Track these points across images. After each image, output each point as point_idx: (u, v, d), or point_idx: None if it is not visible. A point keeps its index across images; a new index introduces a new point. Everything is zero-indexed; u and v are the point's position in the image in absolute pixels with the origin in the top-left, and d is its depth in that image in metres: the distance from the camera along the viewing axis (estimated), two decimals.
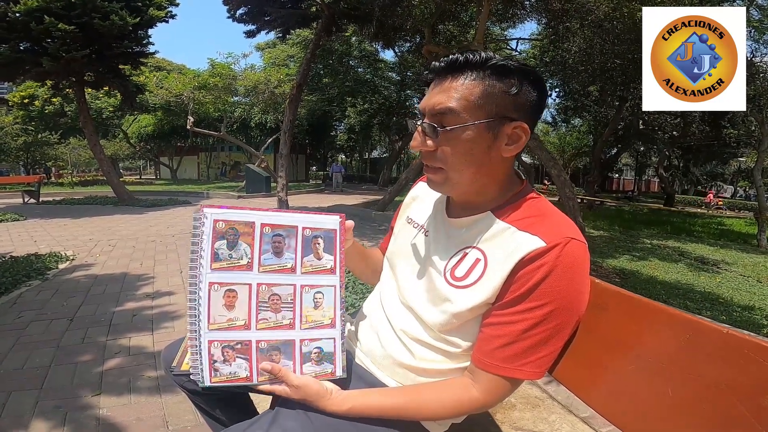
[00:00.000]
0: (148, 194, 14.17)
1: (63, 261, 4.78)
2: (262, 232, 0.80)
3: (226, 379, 0.78)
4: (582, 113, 17.94)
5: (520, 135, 0.78)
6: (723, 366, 0.62)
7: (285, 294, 0.81)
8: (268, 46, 24.06)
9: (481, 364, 0.76)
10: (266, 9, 10.42)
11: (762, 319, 4.35)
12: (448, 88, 0.77)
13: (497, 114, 0.75)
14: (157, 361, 2.40)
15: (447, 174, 0.79)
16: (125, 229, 7.35)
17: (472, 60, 0.76)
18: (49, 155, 23.94)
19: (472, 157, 0.77)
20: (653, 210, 18.95)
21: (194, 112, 14.72)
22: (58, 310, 3.21)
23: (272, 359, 0.80)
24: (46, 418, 1.86)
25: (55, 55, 9.02)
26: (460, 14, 10.04)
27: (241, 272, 0.79)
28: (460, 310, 0.78)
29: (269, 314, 0.80)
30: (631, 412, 0.75)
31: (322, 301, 0.83)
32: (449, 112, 0.75)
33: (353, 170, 33.26)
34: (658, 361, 0.71)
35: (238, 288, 0.78)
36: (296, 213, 0.84)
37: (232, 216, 0.79)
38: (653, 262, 6.90)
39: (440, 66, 0.79)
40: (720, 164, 31.32)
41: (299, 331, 0.81)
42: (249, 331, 0.79)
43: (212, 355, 0.77)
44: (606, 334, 0.80)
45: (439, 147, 0.78)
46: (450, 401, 0.77)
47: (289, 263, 0.81)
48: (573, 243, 0.73)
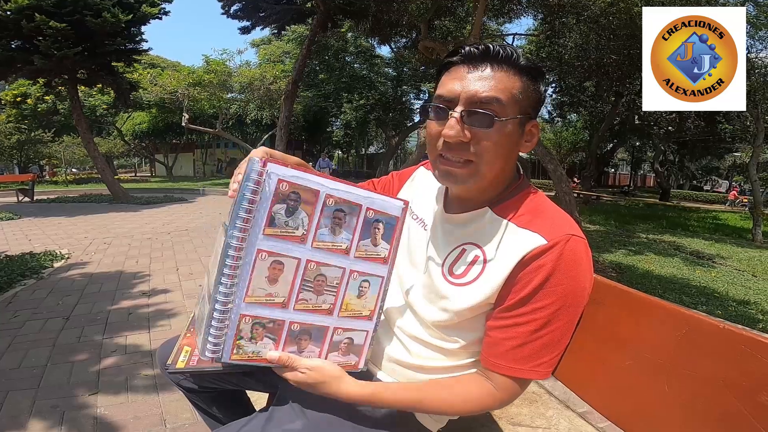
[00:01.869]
0: (143, 192, 14.11)
1: (58, 259, 4.75)
2: (324, 204, 0.71)
3: (247, 357, 0.73)
4: (578, 109, 17.98)
5: (535, 133, 0.79)
6: (719, 362, 0.63)
7: (332, 276, 0.75)
8: (263, 42, 23.93)
9: (494, 367, 0.75)
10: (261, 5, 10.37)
11: (757, 313, 4.37)
12: (490, 77, 0.73)
13: (526, 111, 0.76)
14: (153, 359, 2.39)
15: (478, 167, 0.75)
16: (120, 226, 7.31)
17: (510, 56, 0.74)
18: (43, 153, 23.75)
19: (505, 150, 0.75)
20: (649, 204, 19.05)
21: (189, 109, 14.65)
22: (54, 309, 3.19)
23: (300, 343, 0.76)
24: (44, 418, 1.85)
25: (46, 52, 8.95)
26: (456, 9, 10.01)
27: (294, 244, 0.71)
28: (460, 308, 0.77)
29: (310, 295, 0.74)
30: (628, 407, 0.75)
31: (367, 291, 0.78)
32: (496, 102, 0.72)
33: (350, 165, 33.22)
34: (654, 356, 0.71)
35: (286, 261, 0.70)
36: (362, 190, 0.75)
37: (298, 180, 0.69)
38: (649, 256, 6.93)
39: (477, 52, 0.74)
40: (715, 159, 31.49)
41: (336, 318, 0.77)
42: (285, 311, 0.73)
43: (240, 331, 0.71)
44: (603, 330, 0.80)
45: (476, 138, 0.73)
46: (470, 399, 0.76)
47: (344, 244, 0.74)
48: (573, 240, 0.72)
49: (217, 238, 0.74)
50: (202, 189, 15.49)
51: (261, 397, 1.21)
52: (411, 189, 1.02)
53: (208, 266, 0.79)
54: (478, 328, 0.80)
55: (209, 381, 1.05)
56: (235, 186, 0.70)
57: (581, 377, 0.85)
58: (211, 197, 13.58)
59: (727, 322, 0.62)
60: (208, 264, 0.81)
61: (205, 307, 0.73)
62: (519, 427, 1.75)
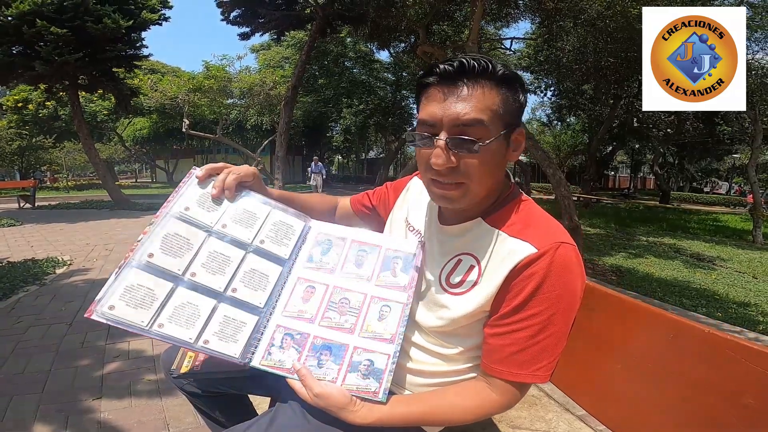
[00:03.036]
0: (144, 198, 14.15)
1: (60, 266, 4.77)
2: (350, 245, 0.93)
3: (272, 364, 0.80)
4: (577, 112, 18.00)
5: (521, 140, 0.79)
6: (705, 365, 0.64)
7: (354, 300, 0.86)
8: (262, 47, 24.02)
9: (495, 372, 0.77)
10: (260, 11, 10.44)
11: (757, 315, 4.37)
12: (468, 97, 0.72)
13: (510, 122, 0.76)
14: (156, 364, 2.41)
15: (469, 187, 0.76)
16: (122, 233, 7.34)
17: (486, 68, 0.73)
18: (44, 159, 23.81)
19: (493, 167, 0.76)
20: (649, 207, 19.05)
21: (190, 114, 14.67)
22: (57, 315, 3.21)
23: (320, 358, 0.80)
24: (48, 422, 1.87)
25: (47, 58, 9.00)
26: (454, 14, 10.07)
27: (325, 273, 0.90)
28: (457, 316, 0.80)
29: (334, 314, 0.85)
30: (619, 411, 0.77)
31: (388, 315, 0.84)
32: (478, 123, 0.72)
33: (350, 170, 33.25)
34: (643, 360, 0.73)
35: (317, 286, 0.88)
36: (381, 236, 0.98)
37: (331, 230, 0.96)
38: (649, 259, 6.93)
39: (452, 70, 0.73)
40: (714, 161, 31.50)
41: (357, 337, 0.82)
42: (311, 324, 0.83)
43: (273, 339, 0.82)
44: (595, 335, 0.82)
45: (463, 161, 0.74)
46: (473, 406, 0.78)
47: (366, 273, 0.89)
48: (563, 247, 0.74)
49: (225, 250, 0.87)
50: None
51: (263, 401, 1.22)
52: (405, 200, 1.04)
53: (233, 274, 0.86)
54: (475, 334, 0.82)
55: (213, 385, 1.07)
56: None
57: (575, 382, 0.87)
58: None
59: (712, 327, 0.65)
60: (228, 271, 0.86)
61: (240, 314, 0.83)
62: (519, 430, 1.76)
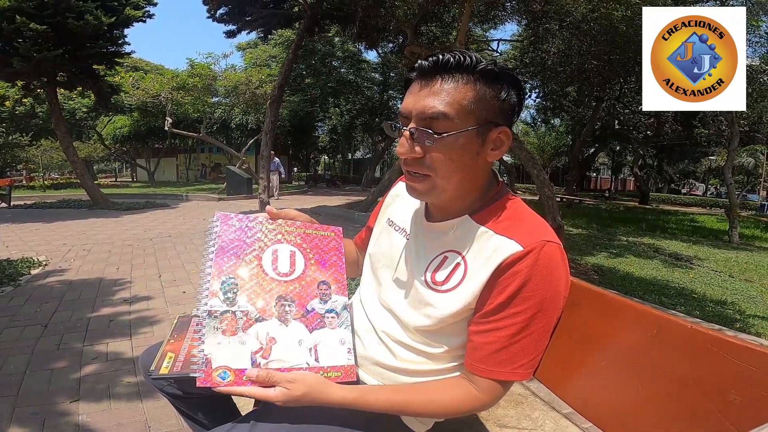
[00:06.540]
0: (124, 197, 13.82)
1: (35, 266, 4.63)
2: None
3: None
4: (561, 113, 18.29)
5: (504, 140, 0.78)
6: (689, 361, 0.65)
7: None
8: (249, 46, 23.72)
9: (476, 370, 0.77)
10: (247, 9, 10.31)
11: (734, 313, 4.49)
12: (439, 90, 0.73)
13: (486, 119, 0.75)
14: (136, 366, 2.35)
15: (434, 181, 0.77)
16: (100, 233, 7.16)
17: (462, 62, 0.73)
18: (20, 158, 23.13)
19: (461, 163, 0.76)
20: (629, 208, 19.45)
21: (173, 112, 14.42)
22: (32, 317, 3.11)
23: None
24: (24, 425, 1.81)
25: (26, 55, 8.73)
26: (442, 15, 10.11)
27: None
28: (443, 315, 0.79)
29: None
30: (605, 408, 0.77)
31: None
32: (443, 117, 0.72)
33: (337, 171, 33.13)
34: (628, 357, 0.74)
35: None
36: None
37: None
38: (629, 258, 7.07)
39: (427, 65, 0.74)
40: (692, 163, 32.33)
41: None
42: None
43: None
44: (579, 332, 0.82)
45: (428, 153, 0.75)
46: (455, 400, 0.78)
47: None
48: (549, 246, 0.74)
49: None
50: (185, 195, 15.27)
51: (248, 401, 1.20)
52: (395, 205, 1.02)
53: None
54: (461, 332, 0.82)
55: (194, 387, 1.04)
56: None
57: (561, 379, 0.87)
58: (194, 203, 13.39)
59: (695, 322, 0.65)
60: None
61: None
62: (506, 428, 1.77)
